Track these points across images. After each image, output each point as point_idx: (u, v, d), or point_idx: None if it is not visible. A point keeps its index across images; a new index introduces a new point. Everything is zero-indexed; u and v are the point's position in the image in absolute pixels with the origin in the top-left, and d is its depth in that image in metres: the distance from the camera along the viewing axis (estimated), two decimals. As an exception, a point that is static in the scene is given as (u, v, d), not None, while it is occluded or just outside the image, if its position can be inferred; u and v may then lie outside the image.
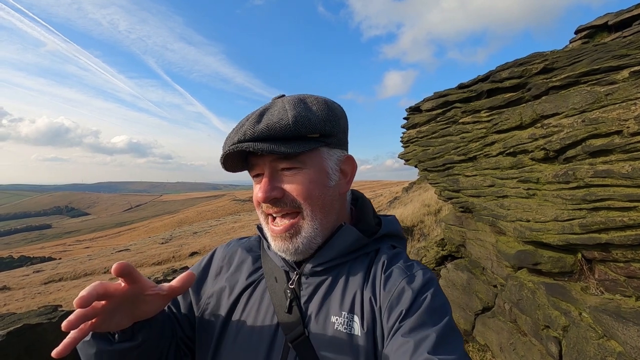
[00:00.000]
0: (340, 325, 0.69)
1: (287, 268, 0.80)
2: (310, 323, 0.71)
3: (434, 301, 0.67)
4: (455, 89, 4.63)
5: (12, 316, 2.65)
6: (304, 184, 0.72)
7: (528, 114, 3.37)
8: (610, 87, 2.64)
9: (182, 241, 37.48)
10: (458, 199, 4.67)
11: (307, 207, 0.72)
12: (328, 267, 0.77)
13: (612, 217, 2.55)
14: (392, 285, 0.70)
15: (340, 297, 0.73)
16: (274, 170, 0.73)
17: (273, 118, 0.68)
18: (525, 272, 3.60)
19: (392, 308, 0.67)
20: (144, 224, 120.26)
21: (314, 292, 0.76)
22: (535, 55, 3.54)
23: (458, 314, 4.67)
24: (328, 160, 0.76)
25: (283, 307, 0.74)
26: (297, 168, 0.72)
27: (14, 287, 25.24)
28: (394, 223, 0.88)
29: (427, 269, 0.76)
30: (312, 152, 0.73)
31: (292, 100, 0.73)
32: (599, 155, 2.68)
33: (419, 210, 10.23)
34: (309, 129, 0.70)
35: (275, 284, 0.79)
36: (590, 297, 2.85)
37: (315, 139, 0.72)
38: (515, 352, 3.51)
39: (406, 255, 0.81)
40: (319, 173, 0.74)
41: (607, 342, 2.54)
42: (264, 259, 0.86)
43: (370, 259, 0.79)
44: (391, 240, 0.84)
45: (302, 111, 0.70)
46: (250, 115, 0.73)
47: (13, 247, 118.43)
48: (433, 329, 0.61)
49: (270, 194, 0.71)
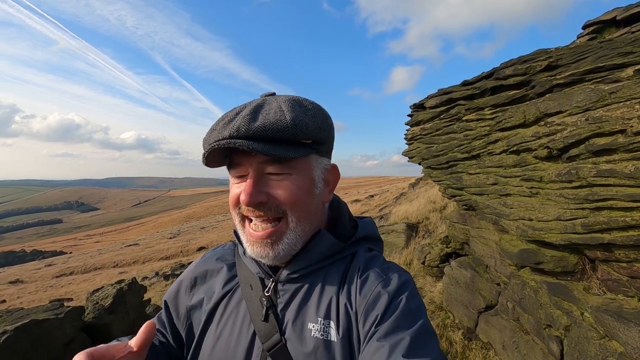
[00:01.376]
0: (317, 331, 0.69)
1: (263, 275, 0.79)
2: (287, 330, 0.71)
3: (409, 304, 0.67)
4: (459, 86, 4.59)
5: (20, 311, 2.73)
6: (291, 190, 0.69)
7: (532, 112, 3.33)
8: (614, 86, 2.60)
9: (189, 236, 37.87)
10: (461, 196, 4.65)
11: (292, 214, 0.70)
12: (304, 274, 0.76)
13: (614, 217, 2.53)
14: (367, 289, 0.70)
15: (317, 303, 0.72)
16: (260, 172, 0.69)
17: (270, 118, 0.65)
18: (528, 271, 3.59)
19: (368, 313, 0.67)
20: (152, 219, 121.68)
21: (290, 299, 0.75)
22: (540, 52, 3.49)
23: (461, 311, 4.67)
24: (316, 168, 0.74)
25: (259, 315, 0.73)
26: (285, 174, 0.69)
27: (27, 281, 25.81)
28: (370, 225, 0.87)
29: (403, 271, 0.75)
30: (304, 159, 0.71)
31: (289, 101, 0.70)
32: (602, 155, 2.64)
33: (425, 207, 10.19)
34: (306, 134, 0.67)
35: (251, 291, 0.78)
36: (593, 297, 2.83)
37: (307, 145, 0.70)
38: (518, 350, 3.51)
39: (382, 257, 0.81)
40: (306, 180, 0.72)
41: (609, 343, 2.53)
42: (238, 267, 0.85)
43: (347, 264, 0.78)
44: (368, 243, 0.84)
45: (301, 115, 0.67)
46: (240, 110, 0.69)
47: (25, 241, 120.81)
48: (408, 332, 0.61)
49: (256, 197, 0.67)
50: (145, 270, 20.66)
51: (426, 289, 5.99)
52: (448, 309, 5.09)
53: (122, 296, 3.19)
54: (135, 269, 23.75)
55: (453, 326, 4.81)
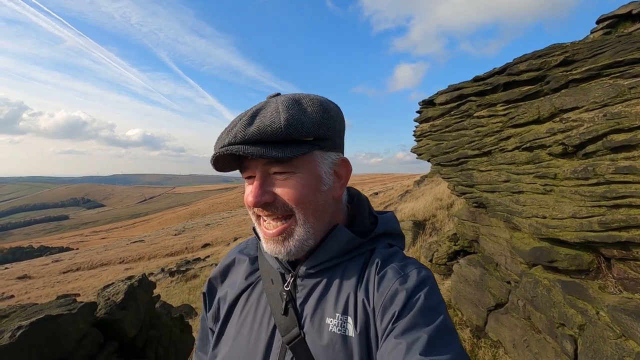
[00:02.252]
0: (335, 326, 0.69)
1: (283, 270, 0.80)
2: (306, 324, 0.72)
3: (428, 301, 0.66)
4: (470, 82, 4.54)
5: (34, 307, 2.75)
6: (296, 189, 0.70)
7: (546, 108, 3.28)
8: (634, 80, 2.54)
9: (194, 233, 38.10)
10: (472, 194, 4.61)
11: (299, 212, 0.71)
12: (322, 269, 0.76)
13: (633, 214, 2.48)
14: (385, 286, 0.70)
15: (335, 298, 0.73)
16: (265, 173, 0.71)
17: (265, 120, 0.66)
18: (541, 269, 3.55)
19: (385, 309, 0.67)
20: (157, 216, 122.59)
21: (309, 294, 0.76)
22: (555, 46, 3.42)
23: (470, 309, 4.65)
24: (322, 164, 0.74)
25: (279, 308, 0.75)
26: (289, 172, 0.70)
27: (35, 276, 26.14)
28: (391, 220, 0.86)
29: (423, 267, 0.74)
30: (306, 156, 0.71)
31: (286, 101, 0.70)
32: (621, 151, 2.59)
33: (431, 204, 10.14)
34: (302, 132, 0.67)
35: (272, 285, 0.79)
36: (609, 295, 2.79)
37: (309, 143, 0.70)
38: (529, 349, 3.48)
39: (402, 253, 0.80)
40: (312, 177, 0.72)
41: (626, 342, 2.49)
42: (260, 261, 0.86)
43: (365, 259, 0.78)
44: (388, 239, 0.83)
45: (296, 114, 0.67)
46: (242, 115, 0.70)
47: (33, 237, 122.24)
48: (425, 330, 0.60)
49: (261, 198, 0.69)
50: (151, 267, 20.82)
51: (434, 287, 5.98)
52: (457, 307, 5.06)
53: (133, 292, 3.20)
54: (141, 265, 23.95)
55: (462, 324, 4.78)
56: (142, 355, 3.17)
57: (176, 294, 12.20)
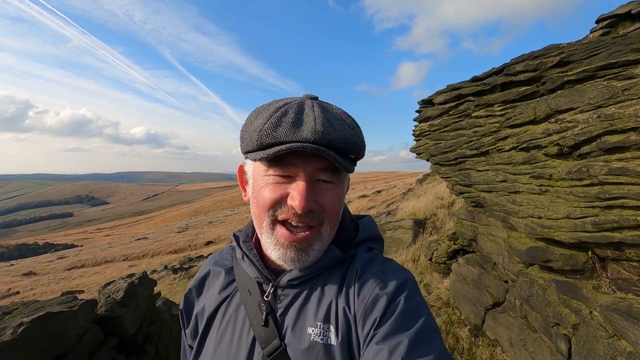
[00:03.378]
0: (317, 336, 0.68)
1: (262, 280, 0.78)
2: (287, 335, 0.71)
3: (408, 304, 0.66)
4: (468, 82, 4.54)
5: (36, 304, 2.81)
6: (334, 200, 0.71)
7: (542, 109, 3.29)
8: (627, 82, 2.55)
9: (197, 230, 38.25)
10: (470, 193, 4.62)
11: (328, 223, 0.72)
12: (305, 280, 0.76)
13: (625, 215, 2.50)
14: (366, 292, 0.70)
15: (316, 307, 0.72)
16: (312, 179, 0.69)
17: (346, 132, 0.68)
18: (537, 268, 3.57)
19: (366, 316, 0.67)
20: (161, 213, 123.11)
21: (290, 304, 0.75)
22: (551, 47, 3.43)
23: (468, 308, 4.67)
24: (347, 180, 0.79)
25: (259, 320, 0.73)
26: (333, 183, 0.71)
27: (40, 273, 26.38)
28: (370, 225, 0.87)
29: (402, 270, 0.75)
30: (346, 172, 0.73)
31: (346, 114, 0.73)
32: (614, 152, 2.61)
33: (432, 203, 10.14)
34: (361, 152, 0.72)
35: (249, 296, 0.77)
36: (602, 295, 2.81)
37: (352, 160, 0.73)
38: (525, 347, 3.50)
39: (381, 257, 0.80)
40: (343, 192, 0.76)
41: (618, 342, 2.51)
42: (236, 271, 0.84)
43: (346, 266, 0.78)
44: (368, 243, 0.84)
45: (360, 133, 0.72)
46: (299, 108, 0.68)
47: (38, 234, 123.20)
48: (406, 334, 0.60)
49: (310, 204, 0.67)
50: (155, 264, 20.96)
51: (433, 286, 5.99)
52: (455, 306, 5.09)
53: (133, 289, 3.26)
54: (145, 262, 24.11)
55: (460, 323, 4.81)
56: (142, 351, 3.23)
57: (179, 291, 12.29)
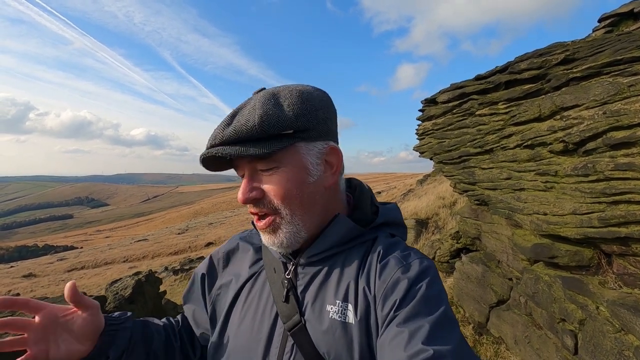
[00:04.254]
0: (335, 313, 0.70)
1: (284, 259, 0.81)
2: (307, 311, 0.72)
3: (430, 290, 0.66)
4: (472, 81, 4.57)
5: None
6: (281, 183, 0.70)
7: (547, 106, 3.31)
8: (633, 79, 2.57)
9: (198, 232, 38.23)
10: (474, 191, 4.64)
11: (285, 208, 0.71)
12: (324, 257, 0.77)
13: (632, 210, 2.51)
14: (387, 274, 0.70)
15: (335, 286, 0.73)
16: (253, 171, 0.72)
17: (241, 120, 0.67)
18: (542, 265, 3.58)
19: (386, 297, 0.67)
20: (161, 215, 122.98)
21: (310, 281, 0.76)
22: (556, 45, 3.45)
23: (472, 306, 4.68)
24: (307, 155, 0.72)
25: (281, 296, 0.75)
26: (273, 168, 0.70)
27: (40, 274, 26.32)
28: (393, 211, 0.87)
29: (425, 257, 0.75)
30: (288, 149, 0.70)
31: (264, 96, 0.70)
32: (620, 148, 2.62)
33: (434, 203, 10.16)
34: (278, 127, 0.66)
35: (274, 274, 0.80)
36: (608, 291, 2.82)
37: (289, 136, 0.69)
38: (530, 345, 3.52)
39: (404, 243, 0.80)
40: (297, 170, 0.71)
41: (625, 336, 2.53)
42: (264, 251, 0.87)
43: (367, 248, 0.78)
44: (390, 229, 0.83)
45: (270, 109, 0.67)
46: (225, 117, 0.72)
47: (38, 236, 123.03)
48: (427, 319, 0.60)
49: (249, 195, 0.71)
50: (155, 265, 20.92)
51: (436, 284, 6.01)
52: (459, 304, 5.10)
53: (141, 287, 3.27)
54: (145, 263, 24.07)
55: (464, 321, 4.82)
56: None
57: (180, 292, 12.27)
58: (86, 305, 0.68)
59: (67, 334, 0.67)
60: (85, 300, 0.69)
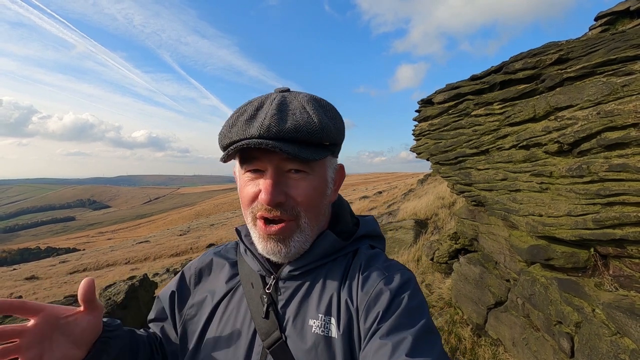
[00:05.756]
0: (318, 328, 0.68)
1: (264, 272, 0.78)
2: (288, 327, 0.71)
3: (411, 302, 0.66)
4: (467, 81, 4.54)
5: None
6: (308, 191, 0.69)
7: (542, 106, 3.28)
8: (627, 78, 2.54)
9: (199, 233, 38.25)
10: (470, 192, 4.61)
11: (305, 215, 0.70)
12: (306, 271, 0.76)
13: (627, 212, 2.48)
14: (369, 286, 0.70)
15: (318, 299, 0.72)
16: (280, 170, 0.68)
17: (298, 119, 0.65)
18: (538, 267, 3.55)
19: (369, 309, 0.67)
20: (162, 216, 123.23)
21: (291, 296, 0.75)
22: (550, 45, 3.42)
23: (470, 308, 4.65)
24: (329, 168, 0.75)
25: (260, 312, 0.73)
26: (304, 172, 0.69)
27: (42, 277, 26.38)
28: (372, 223, 0.87)
29: (405, 269, 0.75)
30: (321, 160, 0.71)
31: (310, 101, 0.70)
32: (614, 149, 2.59)
33: (433, 203, 10.12)
34: (329, 137, 0.68)
35: (252, 289, 0.78)
36: (604, 293, 2.79)
37: (326, 147, 0.70)
38: (528, 347, 3.49)
39: (384, 255, 0.80)
40: (321, 181, 0.72)
41: (621, 339, 2.50)
42: (240, 265, 0.85)
43: (348, 260, 0.78)
44: (370, 241, 0.83)
45: (325, 118, 0.68)
46: (259, 105, 0.68)
47: (40, 238, 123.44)
48: (410, 331, 0.61)
49: (277, 197, 0.66)
50: (156, 267, 20.95)
51: (435, 286, 5.97)
52: (457, 305, 5.07)
53: (134, 292, 3.25)
54: (147, 265, 24.11)
55: (462, 322, 4.79)
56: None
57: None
58: (95, 307, 0.65)
59: (64, 338, 0.61)
60: (97, 301, 0.65)
